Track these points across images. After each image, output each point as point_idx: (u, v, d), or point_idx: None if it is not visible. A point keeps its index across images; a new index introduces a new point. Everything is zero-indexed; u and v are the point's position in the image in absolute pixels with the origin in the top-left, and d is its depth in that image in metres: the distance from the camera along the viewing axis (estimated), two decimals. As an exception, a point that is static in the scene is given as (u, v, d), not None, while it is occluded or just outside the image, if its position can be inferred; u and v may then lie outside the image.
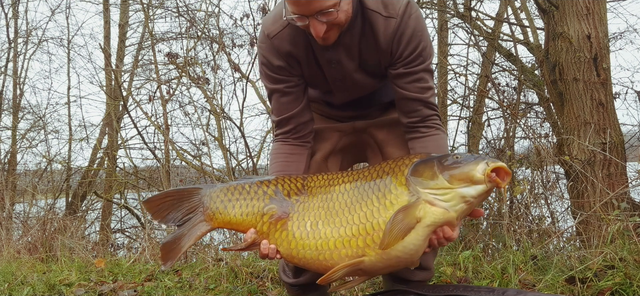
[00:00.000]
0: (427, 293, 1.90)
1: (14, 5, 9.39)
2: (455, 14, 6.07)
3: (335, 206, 1.70)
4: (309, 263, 1.71)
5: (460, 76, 6.31)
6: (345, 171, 1.87)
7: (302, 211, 1.72)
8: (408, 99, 1.92)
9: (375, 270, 1.69)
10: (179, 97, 7.12)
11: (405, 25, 1.80)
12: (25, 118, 9.79)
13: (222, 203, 1.79)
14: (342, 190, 1.72)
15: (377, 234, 1.60)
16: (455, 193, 1.53)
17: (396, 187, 1.62)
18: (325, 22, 1.69)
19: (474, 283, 2.77)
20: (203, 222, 1.80)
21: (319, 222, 1.69)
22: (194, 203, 1.80)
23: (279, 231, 1.72)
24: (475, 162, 1.52)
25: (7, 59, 9.36)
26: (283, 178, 1.80)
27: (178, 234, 1.79)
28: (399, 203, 1.59)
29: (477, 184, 1.51)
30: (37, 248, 5.10)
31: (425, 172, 1.58)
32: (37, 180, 8.24)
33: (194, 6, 6.81)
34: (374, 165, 1.78)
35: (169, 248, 1.79)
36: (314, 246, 1.68)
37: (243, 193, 1.79)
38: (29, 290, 3.32)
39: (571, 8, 4.12)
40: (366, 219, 1.63)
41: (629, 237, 2.71)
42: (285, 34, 1.89)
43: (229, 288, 3.15)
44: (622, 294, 2.30)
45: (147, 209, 1.83)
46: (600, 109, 4.01)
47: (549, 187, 4.56)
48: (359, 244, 1.62)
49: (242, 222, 1.77)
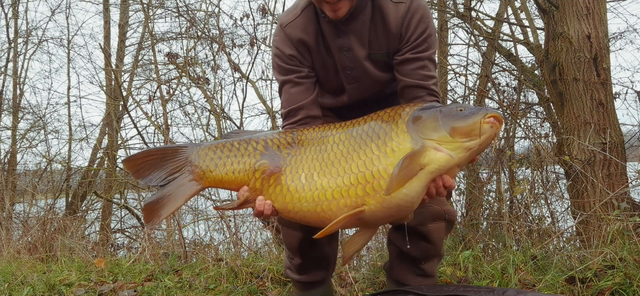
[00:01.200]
0: (427, 293, 1.89)
1: (14, 5, 9.40)
2: (455, 14, 6.07)
3: (331, 156, 1.66)
4: (307, 216, 1.66)
5: (460, 76, 6.31)
6: (337, 122, 1.80)
7: (295, 163, 1.67)
8: (412, 87, 1.94)
9: (375, 220, 1.66)
10: (179, 97, 7.13)
11: (415, 10, 1.88)
12: (25, 118, 9.80)
13: (212, 161, 1.72)
14: (336, 140, 1.68)
15: (378, 181, 1.57)
16: (460, 144, 1.54)
17: (397, 134, 1.60)
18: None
19: (474, 283, 2.77)
20: (192, 182, 1.72)
21: (314, 173, 1.65)
22: (179, 161, 1.73)
23: (273, 186, 1.67)
24: (477, 114, 1.53)
25: (7, 59, 9.37)
26: (272, 134, 1.75)
27: (163, 193, 1.71)
28: (401, 150, 1.57)
29: (476, 135, 1.52)
30: (37, 248, 5.09)
31: (427, 121, 1.57)
32: (37, 180, 8.24)
33: (194, 6, 6.82)
34: (369, 114, 1.73)
35: (152, 208, 1.71)
36: (311, 198, 1.63)
37: (233, 150, 1.73)
38: (29, 290, 3.32)
39: (571, 8, 4.12)
40: (365, 167, 1.59)
41: (629, 237, 2.71)
42: (297, 22, 1.96)
43: (229, 288, 3.15)
44: (622, 294, 2.30)
45: (128, 168, 1.75)
46: (600, 109, 4.01)
47: (549, 187, 4.56)
48: (358, 193, 1.59)
49: (234, 180, 1.71)
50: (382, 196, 1.56)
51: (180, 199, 1.72)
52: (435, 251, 2.11)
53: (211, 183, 1.74)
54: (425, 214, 1.97)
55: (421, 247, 2.06)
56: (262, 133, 1.79)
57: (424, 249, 2.07)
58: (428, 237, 2.03)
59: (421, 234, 2.02)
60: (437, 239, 2.06)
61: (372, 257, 3.60)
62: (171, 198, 1.71)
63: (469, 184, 5.35)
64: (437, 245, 2.09)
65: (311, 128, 1.76)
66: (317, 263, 2.21)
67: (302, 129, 1.78)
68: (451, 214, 2.04)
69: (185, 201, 1.79)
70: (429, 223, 1.99)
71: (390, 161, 1.57)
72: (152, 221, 1.72)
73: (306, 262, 2.18)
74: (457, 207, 5.18)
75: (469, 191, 5.13)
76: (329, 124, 1.77)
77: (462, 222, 4.50)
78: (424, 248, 2.07)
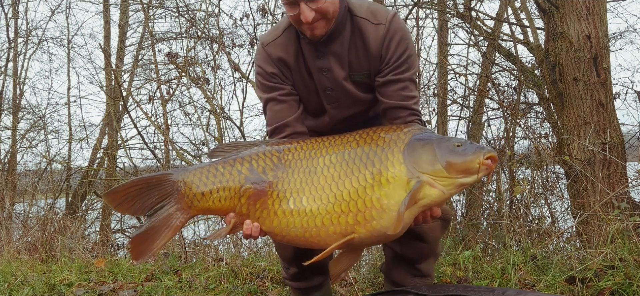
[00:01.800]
0: (427, 293, 1.89)
1: (14, 5, 9.39)
2: (455, 14, 6.07)
3: (321, 180, 1.60)
4: (294, 240, 1.63)
5: (460, 76, 6.31)
6: (327, 139, 1.72)
7: (282, 187, 1.62)
8: (394, 108, 1.95)
9: (362, 245, 1.65)
10: (179, 97, 7.14)
11: (394, 31, 1.89)
12: (25, 118, 9.80)
13: (199, 189, 1.66)
14: (327, 162, 1.62)
15: (370, 211, 1.53)
16: (454, 182, 1.53)
17: (393, 165, 1.56)
18: (313, 10, 1.77)
19: (474, 283, 2.77)
20: (180, 210, 1.66)
21: (302, 198, 1.60)
22: (165, 190, 1.66)
23: (260, 210, 1.63)
24: (475, 154, 1.52)
25: (7, 59, 9.36)
26: (257, 154, 1.69)
27: (151, 225, 1.64)
28: (396, 181, 1.54)
29: (473, 174, 1.53)
30: (37, 248, 5.09)
31: (423, 155, 1.55)
32: (37, 180, 8.23)
33: (194, 6, 6.82)
34: (360, 133, 1.68)
35: (140, 241, 1.64)
36: (299, 224, 1.59)
37: (218, 176, 1.67)
38: (29, 290, 3.31)
39: (571, 8, 4.12)
40: (358, 196, 1.55)
41: (629, 237, 2.71)
42: (278, 42, 1.97)
43: (229, 288, 3.15)
44: (622, 294, 2.30)
45: (109, 202, 1.69)
46: (600, 109, 4.01)
47: (549, 187, 4.56)
48: (348, 222, 1.55)
49: (221, 208, 1.66)
50: (372, 225, 1.54)
51: (169, 231, 1.66)
52: (431, 250, 2.09)
53: (199, 211, 1.70)
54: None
55: (416, 247, 2.05)
56: (248, 151, 1.72)
57: (419, 249, 2.05)
58: (423, 236, 2.01)
59: (415, 234, 1.98)
60: (432, 239, 2.04)
61: (372, 257, 3.60)
62: (160, 230, 1.64)
63: (469, 184, 5.34)
64: (432, 244, 2.07)
65: (299, 146, 1.69)
66: (314, 269, 2.13)
67: (289, 147, 1.71)
68: (446, 213, 2.01)
69: (176, 232, 1.72)
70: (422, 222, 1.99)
71: (385, 192, 1.53)
72: (141, 256, 1.65)
73: (303, 270, 2.14)
74: (457, 207, 5.18)
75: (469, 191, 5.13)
76: (318, 142, 1.70)
77: (462, 222, 4.50)
78: (419, 248, 2.05)
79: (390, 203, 1.53)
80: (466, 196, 5.35)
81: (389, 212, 1.53)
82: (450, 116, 6.24)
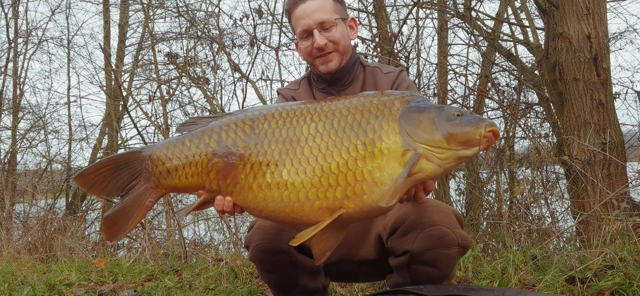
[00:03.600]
0: (427, 293, 1.79)
1: (14, 5, 9.39)
2: (455, 14, 6.07)
3: (305, 151, 1.45)
4: (273, 216, 1.50)
5: (460, 76, 6.31)
6: (310, 105, 1.57)
7: (257, 159, 1.48)
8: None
9: (351, 221, 1.52)
10: (179, 97, 7.14)
11: (402, 79, 2.03)
12: (25, 118, 9.80)
13: (165, 166, 1.55)
14: (311, 131, 1.47)
15: (360, 185, 1.41)
16: (453, 154, 1.42)
17: (388, 134, 1.43)
18: (326, 37, 1.91)
19: (474, 283, 2.77)
20: (149, 189, 1.58)
21: (283, 171, 1.45)
22: (135, 168, 1.58)
23: (232, 185, 1.50)
24: (477, 125, 1.41)
25: (7, 59, 9.36)
26: (227, 125, 1.54)
27: (122, 205, 1.57)
28: (391, 154, 1.41)
29: (474, 145, 1.41)
30: (37, 248, 5.09)
31: (422, 124, 1.43)
32: (37, 180, 8.23)
33: (194, 6, 6.82)
34: (350, 99, 1.54)
35: (113, 222, 1.57)
36: (279, 197, 1.45)
37: (184, 150, 1.54)
38: (29, 290, 3.31)
39: (571, 8, 4.12)
40: (347, 168, 1.41)
41: (628, 237, 2.71)
42: (292, 90, 2.12)
43: (229, 288, 3.15)
44: (622, 294, 2.30)
45: (80, 184, 1.62)
46: (600, 109, 4.01)
47: (549, 187, 4.56)
48: (336, 196, 1.42)
49: (189, 184, 1.55)
50: (363, 199, 1.41)
51: (140, 210, 1.58)
52: (443, 277, 1.85)
53: (168, 190, 1.60)
54: (434, 238, 1.75)
55: (427, 273, 1.81)
56: (218, 122, 1.58)
57: (431, 276, 1.81)
58: (436, 264, 1.78)
59: (427, 260, 1.78)
60: (446, 267, 1.81)
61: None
62: (131, 210, 1.57)
63: (469, 184, 5.35)
64: (446, 271, 1.83)
65: (277, 114, 1.53)
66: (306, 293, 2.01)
67: (266, 114, 1.54)
68: (465, 240, 1.79)
69: (147, 211, 1.63)
70: (438, 248, 1.75)
71: (377, 164, 1.40)
72: (114, 237, 1.59)
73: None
74: (457, 207, 5.19)
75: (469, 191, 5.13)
76: (301, 108, 1.54)
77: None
78: (431, 275, 1.81)
79: (383, 176, 1.40)
80: (466, 196, 5.35)
81: (381, 186, 1.40)
82: (450, 116, 6.22)
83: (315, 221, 1.47)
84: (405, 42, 5.85)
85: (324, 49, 1.92)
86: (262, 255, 1.89)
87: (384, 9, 6.33)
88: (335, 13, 1.94)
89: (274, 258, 1.88)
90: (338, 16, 1.95)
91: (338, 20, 1.94)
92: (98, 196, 1.58)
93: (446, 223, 1.75)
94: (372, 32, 6.41)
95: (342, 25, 1.96)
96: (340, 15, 1.96)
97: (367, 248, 1.99)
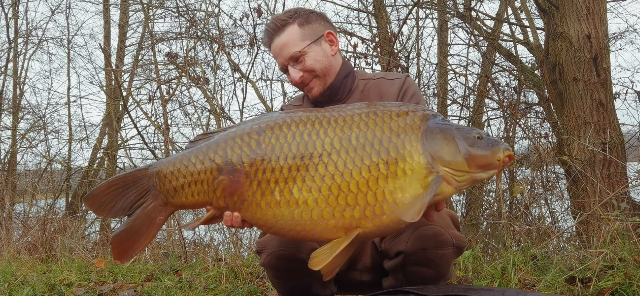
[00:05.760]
0: (427, 293, 1.79)
1: (14, 5, 9.39)
2: (455, 14, 6.07)
3: (320, 169, 1.39)
4: (282, 233, 1.47)
5: (460, 76, 6.31)
6: (323, 117, 1.48)
7: (263, 176, 1.42)
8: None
9: (365, 239, 1.48)
10: (179, 97, 7.14)
11: (408, 85, 1.99)
12: (25, 118, 9.80)
13: (172, 184, 1.51)
14: (327, 148, 1.40)
15: (380, 206, 1.35)
16: (471, 177, 1.40)
17: (411, 155, 1.37)
18: (299, 70, 1.90)
19: (474, 283, 2.77)
20: (159, 207, 1.53)
21: (293, 188, 1.39)
22: (143, 185, 1.53)
23: (239, 203, 1.46)
24: (496, 149, 1.39)
25: (7, 59, 9.36)
26: (232, 139, 1.49)
27: (132, 223, 1.53)
28: (414, 175, 1.36)
29: (492, 169, 1.40)
30: (37, 248, 5.10)
31: (445, 146, 1.39)
32: (37, 180, 8.24)
33: (194, 6, 6.82)
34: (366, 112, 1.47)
35: (122, 241, 1.52)
36: (289, 216, 1.40)
37: (189, 167, 1.49)
38: (29, 290, 3.32)
39: (571, 8, 4.12)
40: (367, 188, 1.36)
41: (628, 237, 2.71)
42: (296, 107, 2.11)
43: (229, 288, 3.15)
44: (622, 294, 2.30)
45: (90, 207, 1.58)
46: (600, 109, 4.01)
47: (549, 187, 4.57)
48: (354, 215, 1.36)
49: (196, 202, 1.51)
50: (381, 220, 1.37)
51: (151, 228, 1.54)
52: (440, 277, 1.86)
53: (176, 207, 1.56)
54: (427, 238, 1.73)
55: (422, 274, 1.80)
56: (223, 135, 1.53)
57: (426, 277, 1.81)
58: (430, 265, 1.78)
59: (421, 261, 1.77)
60: (442, 267, 1.81)
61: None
62: (141, 227, 1.53)
63: (469, 184, 5.34)
64: (442, 271, 1.84)
65: (285, 126, 1.46)
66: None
67: (273, 126, 1.48)
68: (459, 240, 1.79)
69: (158, 229, 1.59)
70: (432, 248, 1.74)
71: (399, 185, 1.35)
72: (123, 256, 1.54)
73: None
74: (457, 207, 5.19)
75: (469, 191, 5.13)
76: (313, 120, 1.47)
77: (462, 222, 4.50)
78: (426, 276, 1.81)
79: (404, 197, 1.35)
80: (466, 196, 5.35)
81: (402, 207, 1.35)
82: (450, 116, 6.24)
83: (328, 239, 1.42)
84: (405, 42, 5.85)
85: (302, 81, 1.92)
86: (277, 261, 1.85)
87: (384, 9, 6.33)
88: (303, 40, 1.88)
89: (289, 266, 1.84)
90: (308, 41, 1.88)
91: (309, 47, 1.88)
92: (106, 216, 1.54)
93: (440, 223, 1.74)
94: (372, 32, 6.41)
95: (315, 48, 1.90)
96: (310, 39, 1.89)
97: (365, 255, 1.96)
